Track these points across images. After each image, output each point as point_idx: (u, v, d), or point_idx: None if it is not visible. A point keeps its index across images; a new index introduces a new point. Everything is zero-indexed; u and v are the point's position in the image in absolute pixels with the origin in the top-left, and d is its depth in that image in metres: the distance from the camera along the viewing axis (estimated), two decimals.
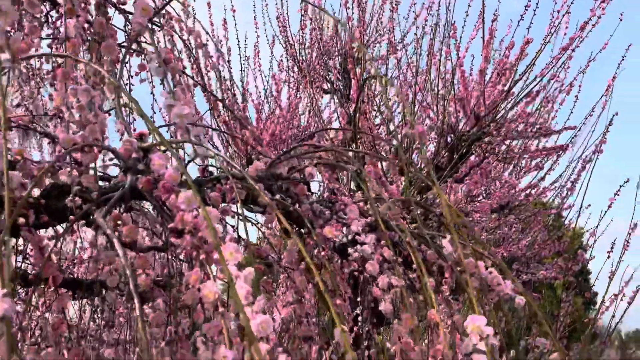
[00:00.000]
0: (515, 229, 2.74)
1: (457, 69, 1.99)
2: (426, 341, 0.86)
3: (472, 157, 2.30)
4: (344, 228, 0.92)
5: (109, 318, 0.87)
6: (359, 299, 1.18)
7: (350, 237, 0.91)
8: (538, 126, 2.13)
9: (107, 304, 0.87)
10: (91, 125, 0.68)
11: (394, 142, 2.37)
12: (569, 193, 2.47)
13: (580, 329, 3.06)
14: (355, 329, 1.64)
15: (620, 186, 2.13)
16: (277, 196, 0.89)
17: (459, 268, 0.90)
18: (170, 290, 0.79)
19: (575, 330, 3.25)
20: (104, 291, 0.85)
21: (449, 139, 2.19)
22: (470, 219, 2.05)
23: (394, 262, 0.78)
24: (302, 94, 2.60)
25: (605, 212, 2.17)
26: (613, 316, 2.57)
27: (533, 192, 2.74)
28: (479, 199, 2.12)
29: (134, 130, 1.08)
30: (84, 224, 0.72)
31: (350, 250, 0.83)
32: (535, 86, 2.05)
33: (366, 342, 2.59)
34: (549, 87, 2.14)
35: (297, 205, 0.93)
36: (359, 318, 1.21)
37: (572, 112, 2.64)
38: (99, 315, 0.88)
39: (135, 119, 1.09)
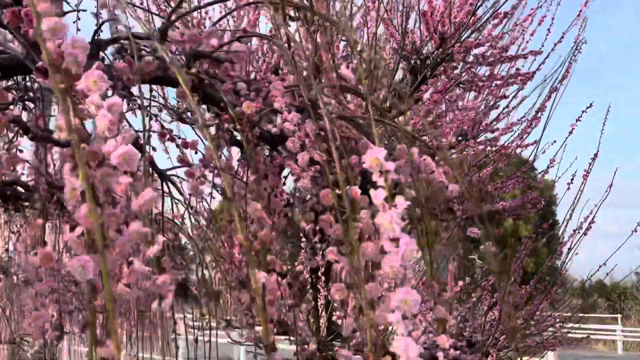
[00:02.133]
0: (479, 158, 2.70)
1: None
2: None
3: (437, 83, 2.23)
4: (277, 118, 0.84)
5: None
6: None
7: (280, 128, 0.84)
8: (503, 47, 2.05)
9: None
10: None
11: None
12: (534, 125, 2.42)
13: (544, 278, 3.09)
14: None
15: (583, 111, 2.09)
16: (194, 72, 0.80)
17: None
18: None
19: (540, 280, 3.28)
20: None
21: (412, 62, 2.10)
22: (431, 142, 1.99)
23: (317, 136, 0.70)
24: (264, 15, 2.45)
25: (566, 138, 2.14)
26: (570, 249, 2.60)
27: (499, 125, 2.69)
28: (440, 123, 2.06)
29: None
30: None
31: (271, 127, 0.75)
32: (504, 4, 1.96)
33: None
34: (518, 11, 2.06)
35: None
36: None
37: (543, 46, 2.57)
38: None
39: None
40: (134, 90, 0.78)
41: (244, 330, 2.02)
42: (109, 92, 0.76)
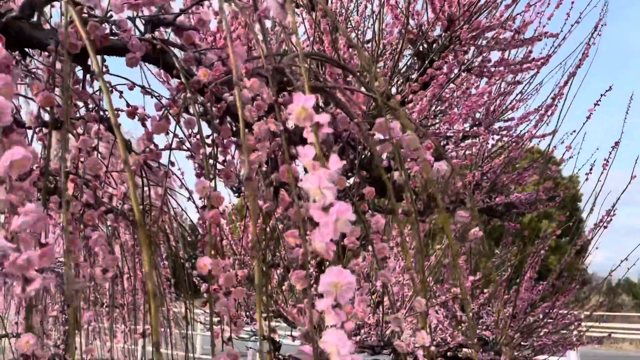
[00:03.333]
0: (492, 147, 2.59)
1: None
2: None
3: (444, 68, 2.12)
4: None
5: None
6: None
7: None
8: (516, 30, 1.93)
9: None
10: None
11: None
12: (550, 113, 2.30)
13: (570, 275, 2.96)
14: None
15: (601, 95, 1.96)
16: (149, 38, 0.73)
17: (369, 132, 0.75)
18: None
19: (565, 278, 3.14)
20: None
21: (420, 48, 2.00)
22: (438, 130, 1.89)
23: (276, 104, 0.62)
24: None
25: (583, 124, 2.01)
26: (589, 240, 2.47)
27: (514, 115, 2.57)
28: (444, 109, 1.95)
29: None
30: None
31: (226, 95, 0.68)
32: None
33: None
34: None
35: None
36: None
37: (561, 30, 2.44)
38: None
39: None
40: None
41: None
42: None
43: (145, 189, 0.92)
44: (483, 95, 1.92)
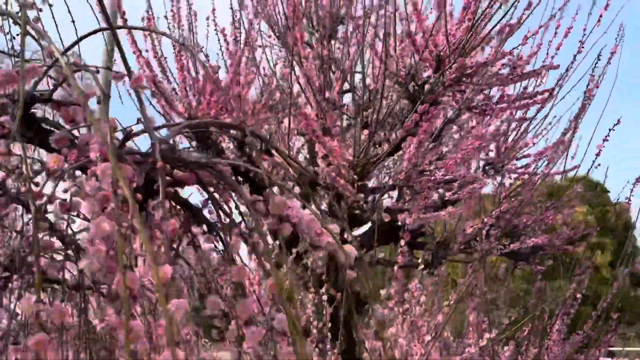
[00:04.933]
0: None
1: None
2: None
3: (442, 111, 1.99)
4: None
5: None
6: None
7: None
8: (511, 64, 1.79)
9: None
10: None
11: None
12: (563, 149, 2.11)
13: (628, 309, 2.70)
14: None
15: (610, 129, 1.79)
16: None
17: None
18: None
19: (622, 311, 2.88)
20: None
21: (411, 90, 1.88)
22: (432, 177, 1.74)
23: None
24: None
25: (594, 160, 1.83)
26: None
27: (530, 152, 2.40)
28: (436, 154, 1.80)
29: None
30: None
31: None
32: (507, 16, 1.71)
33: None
34: (525, 17, 1.80)
35: None
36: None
37: (575, 59, 2.28)
38: None
39: None
40: None
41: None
42: None
43: None
44: (481, 137, 1.77)
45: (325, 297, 2.16)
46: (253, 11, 2.25)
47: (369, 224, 2.33)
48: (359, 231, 2.26)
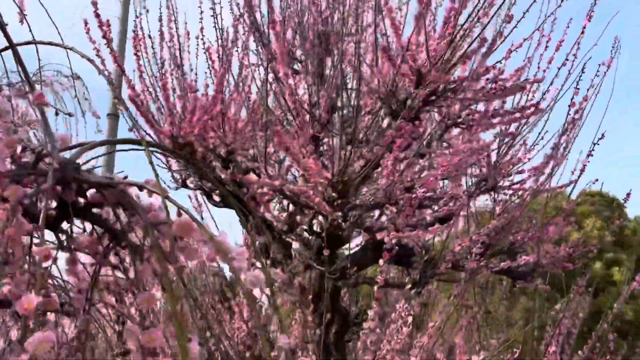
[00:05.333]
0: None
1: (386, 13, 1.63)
2: None
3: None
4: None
5: None
6: None
7: None
8: (493, 78, 1.74)
9: None
10: None
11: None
12: (554, 165, 2.06)
13: None
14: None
15: (594, 144, 1.74)
16: None
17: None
18: None
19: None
20: None
21: (393, 107, 1.85)
22: (414, 194, 1.69)
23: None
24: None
25: (579, 176, 1.78)
26: None
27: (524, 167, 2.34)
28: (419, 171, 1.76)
29: None
30: None
31: None
32: (485, 30, 1.68)
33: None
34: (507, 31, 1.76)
35: None
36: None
37: (571, 72, 2.22)
38: None
39: None
40: None
41: None
42: None
43: None
44: (460, 153, 1.73)
45: (311, 318, 2.11)
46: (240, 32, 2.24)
47: (362, 243, 2.28)
48: (350, 250, 2.22)
